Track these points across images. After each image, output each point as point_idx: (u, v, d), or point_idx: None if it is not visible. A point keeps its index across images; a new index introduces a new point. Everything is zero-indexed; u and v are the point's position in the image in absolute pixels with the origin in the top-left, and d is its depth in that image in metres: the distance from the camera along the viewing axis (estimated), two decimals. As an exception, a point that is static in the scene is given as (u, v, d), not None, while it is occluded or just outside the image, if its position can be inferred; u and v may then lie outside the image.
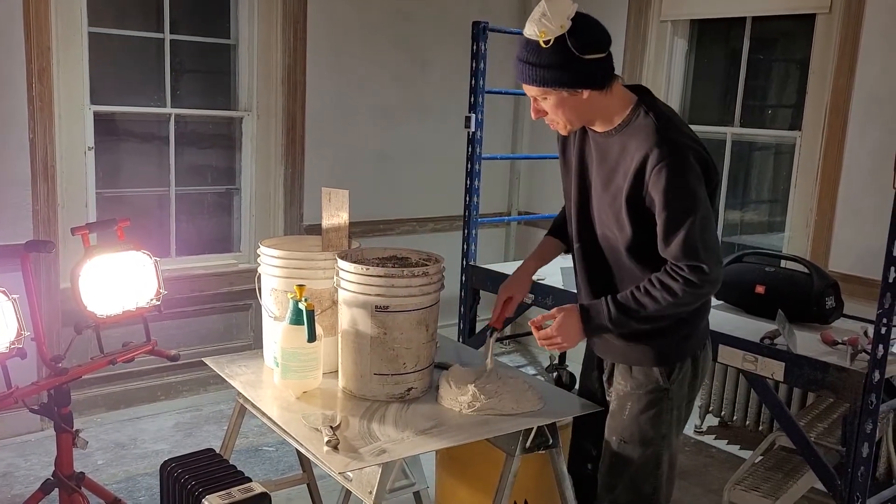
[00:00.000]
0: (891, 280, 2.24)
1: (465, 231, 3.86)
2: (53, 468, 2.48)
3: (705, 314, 2.06)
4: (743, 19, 4.08)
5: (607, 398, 2.14)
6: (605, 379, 2.15)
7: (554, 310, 1.98)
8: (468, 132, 3.76)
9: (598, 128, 1.95)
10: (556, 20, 1.77)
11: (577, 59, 1.79)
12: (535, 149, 5.07)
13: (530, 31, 1.81)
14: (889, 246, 2.22)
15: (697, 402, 3.95)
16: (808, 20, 3.79)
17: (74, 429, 2.44)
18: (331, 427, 1.90)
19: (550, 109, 1.90)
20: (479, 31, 3.67)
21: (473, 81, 3.71)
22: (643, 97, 1.92)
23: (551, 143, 2.47)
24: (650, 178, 1.81)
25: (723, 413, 3.86)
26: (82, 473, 2.51)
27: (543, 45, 1.78)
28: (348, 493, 2.66)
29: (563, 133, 2.00)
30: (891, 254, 2.22)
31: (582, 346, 2.16)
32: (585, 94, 1.84)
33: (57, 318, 3.59)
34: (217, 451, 2.20)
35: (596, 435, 2.14)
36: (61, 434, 2.43)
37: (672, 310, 1.87)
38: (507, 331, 4.92)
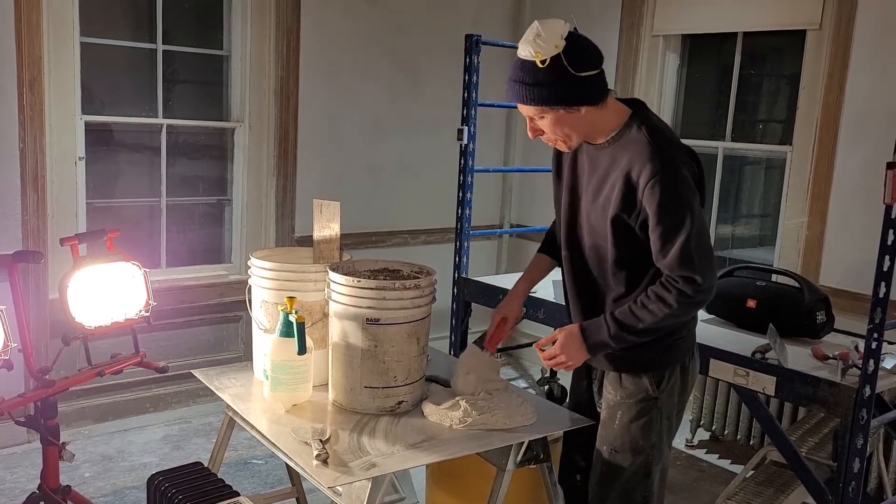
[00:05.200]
0: (881, 295, 2.24)
1: (457, 243, 3.86)
2: (39, 481, 2.45)
3: (692, 322, 2.07)
4: (734, 35, 4.10)
5: (597, 408, 2.14)
6: (595, 389, 2.16)
7: (555, 331, 2.01)
8: (461, 144, 3.76)
9: (594, 140, 1.97)
10: (551, 40, 1.79)
11: (573, 77, 1.82)
12: (528, 161, 5.07)
13: (525, 51, 1.83)
14: (879, 260, 2.23)
15: (689, 416, 3.94)
16: (798, 36, 3.81)
17: (61, 441, 2.41)
18: (320, 440, 1.89)
19: (548, 128, 1.92)
20: (472, 44, 3.68)
21: (466, 94, 3.71)
22: (638, 110, 1.95)
23: (543, 155, 2.48)
24: (644, 193, 1.83)
25: (714, 427, 3.85)
26: (68, 486, 2.48)
27: (540, 65, 1.80)
28: (338, 507, 2.63)
29: (565, 150, 2.02)
30: (881, 268, 2.23)
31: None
32: (583, 110, 1.88)
33: (45, 329, 3.56)
34: (205, 465, 2.19)
35: (585, 447, 2.14)
36: (48, 446, 2.40)
37: (668, 322, 1.89)
38: (499, 343, 4.90)
